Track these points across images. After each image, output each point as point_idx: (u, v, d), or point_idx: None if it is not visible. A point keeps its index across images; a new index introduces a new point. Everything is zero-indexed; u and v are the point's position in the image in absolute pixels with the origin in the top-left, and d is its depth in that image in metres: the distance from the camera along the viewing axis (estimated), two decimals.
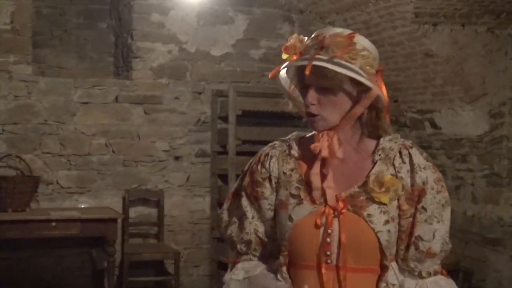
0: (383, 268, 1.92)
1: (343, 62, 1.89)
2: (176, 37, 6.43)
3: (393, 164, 1.95)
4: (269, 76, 2.12)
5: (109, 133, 6.27)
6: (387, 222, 1.89)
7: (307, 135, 2.09)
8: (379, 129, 1.98)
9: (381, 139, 1.98)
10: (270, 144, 2.11)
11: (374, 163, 1.95)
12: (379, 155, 1.96)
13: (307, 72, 1.87)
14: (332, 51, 1.91)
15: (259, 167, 2.04)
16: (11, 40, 5.97)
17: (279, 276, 1.95)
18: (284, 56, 2.03)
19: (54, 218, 5.50)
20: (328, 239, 1.89)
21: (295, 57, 1.99)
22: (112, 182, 6.27)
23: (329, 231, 1.89)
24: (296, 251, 1.94)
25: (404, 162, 1.95)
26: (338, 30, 1.97)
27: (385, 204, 1.89)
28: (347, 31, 1.96)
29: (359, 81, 1.88)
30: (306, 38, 2.01)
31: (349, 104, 1.94)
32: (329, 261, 1.90)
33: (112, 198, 6.26)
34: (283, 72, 2.08)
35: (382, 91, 1.93)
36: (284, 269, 1.95)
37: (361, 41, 1.96)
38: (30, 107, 6.04)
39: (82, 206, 6.13)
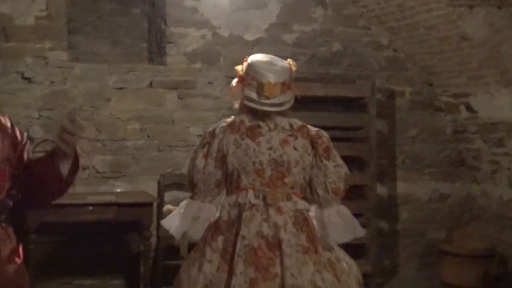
0: None
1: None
2: (209, 22, 6.45)
3: None
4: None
5: (144, 118, 6.32)
6: None
7: None
8: None
9: None
10: None
11: None
12: None
13: None
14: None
15: None
16: (46, 26, 6.05)
17: None
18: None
19: (91, 202, 5.58)
20: None
21: None
22: (147, 167, 6.33)
23: None
24: None
25: None
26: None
27: None
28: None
29: None
30: None
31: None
32: None
33: (147, 182, 6.32)
34: None
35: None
36: None
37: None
38: (66, 93, 6.12)
39: (118, 191, 6.20)
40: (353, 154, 6.39)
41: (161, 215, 6.13)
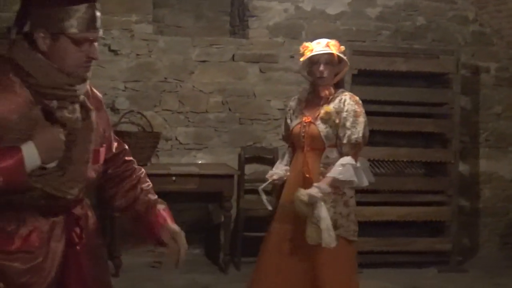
0: (324, 149, 3.94)
1: (338, 52, 3.96)
2: None
3: (333, 101, 3.98)
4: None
5: (226, 91, 6.41)
6: (326, 126, 3.92)
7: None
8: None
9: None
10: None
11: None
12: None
13: (334, 53, 3.95)
14: (333, 47, 3.96)
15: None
16: (133, 0, 6.18)
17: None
18: (302, 50, 4.03)
19: (174, 173, 5.71)
20: (301, 133, 4.01)
21: (308, 53, 3.97)
22: (228, 139, 6.43)
23: (302, 130, 4.01)
24: (291, 140, 4.17)
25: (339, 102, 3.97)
26: (332, 40, 4.01)
27: (325, 118, 3.93)
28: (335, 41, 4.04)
29: (341, 60, 3.99)
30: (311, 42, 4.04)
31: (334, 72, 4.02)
32: (302, 144, 4.02)
33: (228, 155, 6.43)
34: (303, 59, 4.02)
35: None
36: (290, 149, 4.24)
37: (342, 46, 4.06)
38: (151, 65, 6.25)
39: (199, 162, 6.32)
40: (436, 130, 6.40)
41: (242, 185, 6.28)
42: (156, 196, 2.70)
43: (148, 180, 2.73)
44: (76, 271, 2.43)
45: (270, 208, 4.10)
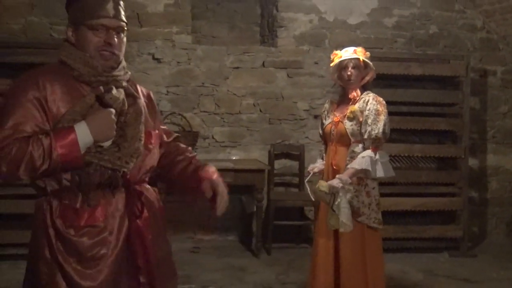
0: (350, 144, 4.21)
1: (364, 57, 4.23)
2: (316, 8, 6.81)
3: (359, 102, 4.24)
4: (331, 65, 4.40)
5: (257, 94, 6.73)
6: (351, 124, 4.19)
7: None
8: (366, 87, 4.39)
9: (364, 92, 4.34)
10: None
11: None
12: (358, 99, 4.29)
13: (361, 59, 4.27)
14: (360, 53, 4.25)
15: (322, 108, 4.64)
16: (174, 13, 6.56)
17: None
18: (333, 57, 4.33)
19: None
20: (332, 131, 4.30)
21: (338, 59, 4.28)
22: (259, 138, 6.74)
23: (333, 128, 4.31)
24: (324, 137, 4.45)
25: (363, 102, 4.23)
26: (359, 48, 4.33)
27: (351, 117, 4.19)
28: (361, 48, 4.36)
29: (367, 65, 4.28)
30: (340, 51, 4.33)
31: (361, 76, 4.26)
32: (332, 140, 4.32)
33: (259, 151, 6.73)
34: (333, 65, 4.32)
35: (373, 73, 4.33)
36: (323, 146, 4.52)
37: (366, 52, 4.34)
38: (190, 72, 6.61)
39: (234, 158, 6.63)
40: (447, 128, 6.60)
41: (272, 179, 6.64)
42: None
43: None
44: (140, 245, 2.46)
45: (313, 198, 4.30)
